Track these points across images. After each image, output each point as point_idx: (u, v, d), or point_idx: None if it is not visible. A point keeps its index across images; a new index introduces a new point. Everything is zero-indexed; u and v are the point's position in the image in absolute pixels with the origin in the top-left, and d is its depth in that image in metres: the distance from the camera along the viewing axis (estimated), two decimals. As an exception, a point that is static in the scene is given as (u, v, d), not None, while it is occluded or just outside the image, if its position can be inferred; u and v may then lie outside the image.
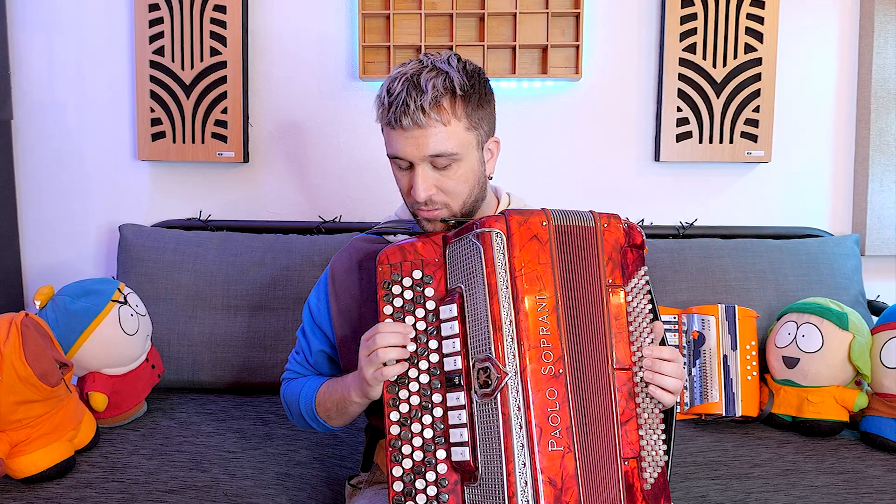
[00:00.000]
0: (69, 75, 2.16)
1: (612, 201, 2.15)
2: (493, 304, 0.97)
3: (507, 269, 0.98)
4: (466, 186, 1.12)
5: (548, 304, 0.98)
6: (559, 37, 2.08)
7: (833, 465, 1.52)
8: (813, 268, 1.94)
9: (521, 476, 0.93)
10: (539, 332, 0.97)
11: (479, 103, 1.10)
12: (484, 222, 1.00)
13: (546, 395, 0.95)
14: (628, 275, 1.03)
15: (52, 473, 1.38)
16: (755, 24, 2.05)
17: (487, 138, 1.14)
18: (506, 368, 0.95)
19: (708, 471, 1.50)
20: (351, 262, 1.24)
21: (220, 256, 1.95)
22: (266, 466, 1.48)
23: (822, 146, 2.16)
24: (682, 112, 2.08)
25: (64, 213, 2.20)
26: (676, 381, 1.02)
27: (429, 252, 1.04)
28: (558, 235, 1.01)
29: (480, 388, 0.97)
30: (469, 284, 1.00)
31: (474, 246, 1.00)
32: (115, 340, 1.64)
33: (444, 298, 1.02)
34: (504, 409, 0.94)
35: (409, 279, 1.04)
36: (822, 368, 1.67)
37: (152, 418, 1.71)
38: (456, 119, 1.07)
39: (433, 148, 1.06)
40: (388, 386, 1.02)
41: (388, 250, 1.05)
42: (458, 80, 1.07)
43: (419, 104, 1.04)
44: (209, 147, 2.10)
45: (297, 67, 2.14)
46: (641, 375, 1.00)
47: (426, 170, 1.09)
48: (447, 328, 1.01)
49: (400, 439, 1.00)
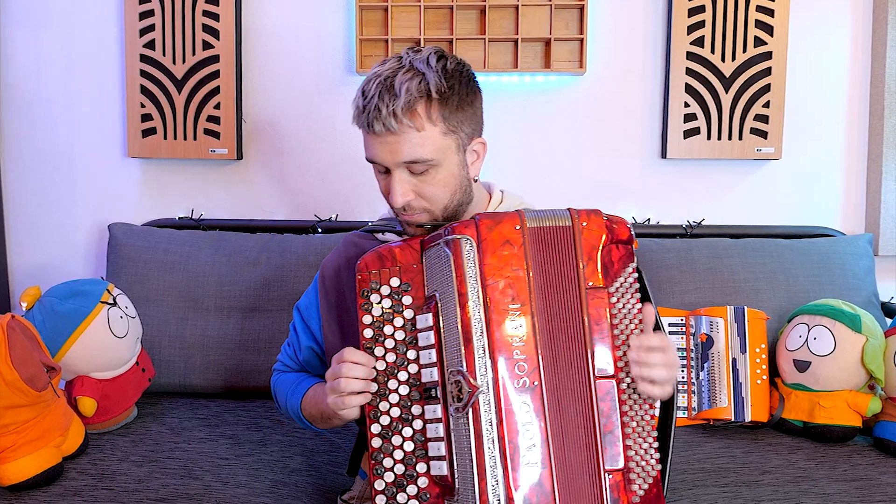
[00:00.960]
0: (57, 69, 2.16)
1: (616, 200, 2.14)
2: (464, 314, 0.96)
3: (477, 278, 0.96)
4: (446, 191, 1.10)
5: (521, 312, 0.96)
6: (563, 30, 2.07)
7: (846, 471, 1.52)
8: (825, 268, 1.94)
9: (493, 493, 0.92)
10: (512, 342, 0.95)
11: (459, 105, 1.08)
12: (454, 228, 0.98)
13: (520, 408, 0.93)
14: (613, 274, 0.99)
15: (40, 480, 1.38)
16: (765, 17, 2.05)
17: (470, 140, 1.12)
18: (477, 382, 0.94)
19: (716, 478, 1.49)
20: (339, 260, 1.24)
21: (213, 256, 1.95)
22: (260, 474, 1.48)
23: (835, 143, 2.15)
24: (689, 108, 2.08)
25: (52, 211, 2.20)
26: (666, 371, 0.97)
27: (407, 258, 1.03)
28: (533, 239, 0.99)
29: (454, 402, 0.96)
30: (442, 293, 0.99)
31: (445, 254, 0.98)
32: (105, 343, 1.64)
33: (422, 307, 1.01)
34: (476, 424, 0.93)
35: (388, 287, 1.03)
36: (834, 372, 1.67)
37: (143, 424, 1.71)
38: (431, 124, 1.05)
39: (407, 154, 1.05)
40: (370, 398, 1.01)
41: (366, 258, 1.04)
42: (434, 83, 1.05)
43: (391, 109, 1.03)
44: (201, 144, 2.10)
45: (292, 62, 2.14)
46: (628, 381, 0.97)
47: (402, 175, 1.08)
48: (423, 338, 1.00)
49: (381, 452, 0.99)
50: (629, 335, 0.98)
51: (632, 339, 0.97)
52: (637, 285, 1.00)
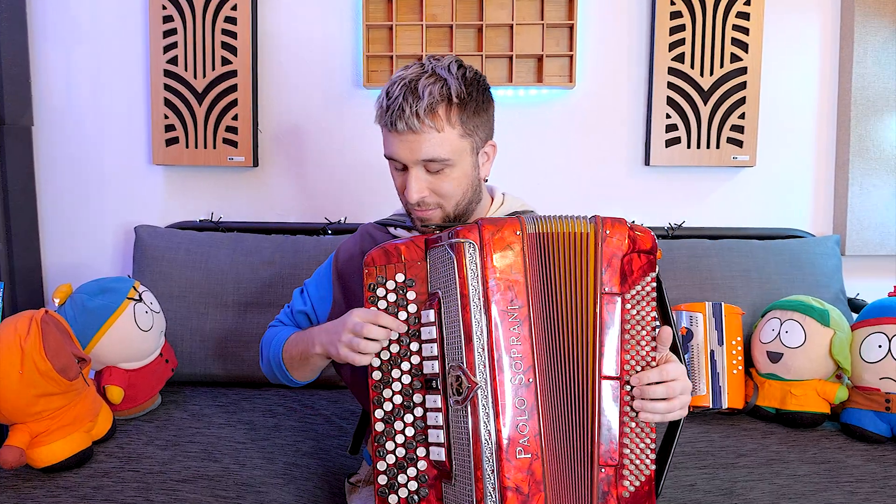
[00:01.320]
0: (87, 84, 2.16)
1: (604, 204, 2.14)
2: (465, 314, 0.95)
3: (479, 280, 0.95)
4: (459, 190, 1.10)
5: (520, 313, 0.95)
6: (554, 47, 2.07)
7: (815, 455, 1.52)
8: (796, 267, 1.94)
9: (488, 481, 0.91)
10: (510, 342, 0.94)
11: (476, 111, 1.08)
12: (458, 232, 0.97)
13: (516, 403, 0.93)
14: (632, 281, 0.97)
15: (71, 463, 1.38)
16: (741, 35, 2.05)
17: (484, 143, 1.13)
18: (476, 378, 0.93)
19: (696, 460, 1.49)
20: (354, 249, 1.24)
21: (231, 256, 1.95)
22: (274, 457, 1.48)
23: (805, 151, 2.15)
24: (670, 118, 2.08)
25: (82, 214, 2.20)
26: (666, 404, 0.96)
27: (412, 255, 1.02)
28: (534, 244, 0.98)
29: (454, 395, 0.95)
30: (445, 292, 0.98)
31: (449, 255, 0.98)
32: (131, 336, 1.64)
33: (425, 302, 1.01)
34: (474, 417, 0.93)
35: (393, 282, 1.02)
36: (804, 363, 1.67)
37: (166, 410, 1.71)
38: (450, 126, 1.05)
39: (426, 153, 1.05)
40: (374, 385, 1.01)
41: (373, 253, 1.03)
42: (455, 89, 1.05)
43: (415, 110, 1.03)
44: (220, 152, 2.09)
45: (304, 76, 2.14)
46: (631, 383, 0.96)
47: (419, 172, 1.08)
48: (426, 332, 1.00)
49: (384, 436, 0.99)
50: (639, 341, 0.97)
51: (633, 378, 0.96)
52: (654, 294, 0.98)
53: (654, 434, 0.97)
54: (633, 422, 0.96)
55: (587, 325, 0.96)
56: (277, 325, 1.31)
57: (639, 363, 0.97)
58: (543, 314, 0.97)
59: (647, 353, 0.97)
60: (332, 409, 1.75)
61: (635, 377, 0.96)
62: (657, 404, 0.96)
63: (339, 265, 1.24)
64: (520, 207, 1.24)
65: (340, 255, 1.25)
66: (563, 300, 0.97)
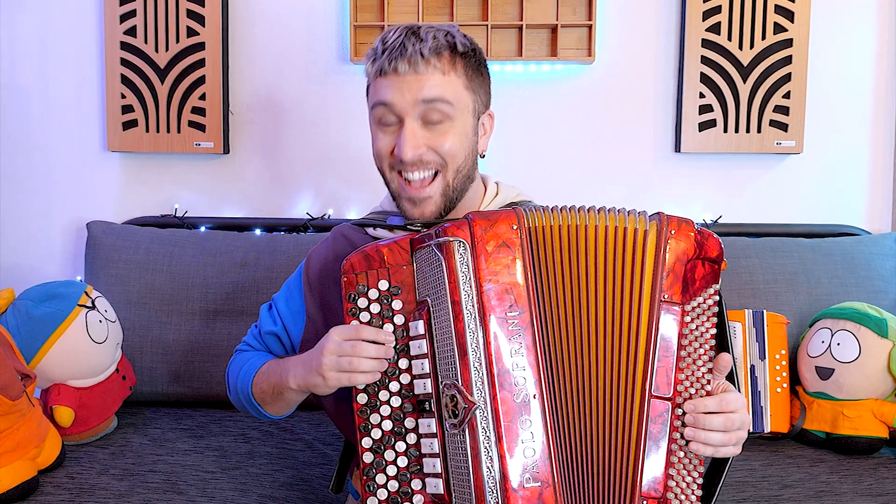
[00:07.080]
0: (31, 57, 2.16)
1: (627, 196, 2.15)
2: (458, 324, 0.94)
3: (472, 284, 0.95)
4: (461, 151, 1.11)
5: (521, 320, 0.94)
6: (570, 15, 2.07)
7: (871, 486, 1.52)
8: (849, 269, 1.94)
9: None
10: (511, 353, 0.93)
11: (478, 69, 1.13)
12: (446, 230, 0.96)
13: (519, 425, 0.92)
14: (693, 292, 0.96)
15: (14, 495, 1.38)
16: (785, 2, 2.05)
17: (485, 109, 1.16)
18: (473, 397, 0.92)
19: (733, 492, 1.50)
20: (327, 253, 1.23)
21: (198, 257, 1.95)
22: (248, 488, 1.48)
23: (859, 136, 2.16)
24: (704, 98, 2.08)
25: (25, 208, 2.20)
26: (722, 436, 0.94)
27: (396, 258, 1.01)
28: (534, 239, 0.98)
29: (450, 417, 0.94)
30: (435, 299, 0.97)
31: (436, 257, 0.97)
32: (82, 349, 1.64)
33: (413, 312, 1.00)
34: (473, 441, 0.92)
35: (376, 291, 1.01)
36: (859, 380, 1.67)
37: (123, 435, 1.71)
38: (455, 74, 1.09)
39: (427, 92, 1.06)
40: (359, 410, 1.00)
41: (352, 258, 1.02)
42: (459, 39, 1.09)
43: (418, 48, 1.06)
44: (186, 137, 2.10)
45: (282, 50, 2.14)
46: (685, 409, 0.95)
47: (415, 126, 1.08)
48: (415, 347, 0.99)
49: (374, 468, 0.98)
50: (696, 360, 0.95)
51: (687, 404, 0.94)
52: (716, 309, 0.97)
53: (701, 468, 0.95)
54: (682, 451, 0.95)
55: (633, 336, 0.95)
56: (246, 350, 1.29)
57: (693, 385, 0.95)
58: (555, 321, 0.96)
59: (703, 376, 0.96)
60: (314, 434, 1.75)
61: (689, 403, 0.94)
62: (712, 435, 0.94)
63: (311, 275, 1.23)
64: (515, 198, 1.24)
65: (311, 264, 1.24)
66: (587, 306, 0.97)
